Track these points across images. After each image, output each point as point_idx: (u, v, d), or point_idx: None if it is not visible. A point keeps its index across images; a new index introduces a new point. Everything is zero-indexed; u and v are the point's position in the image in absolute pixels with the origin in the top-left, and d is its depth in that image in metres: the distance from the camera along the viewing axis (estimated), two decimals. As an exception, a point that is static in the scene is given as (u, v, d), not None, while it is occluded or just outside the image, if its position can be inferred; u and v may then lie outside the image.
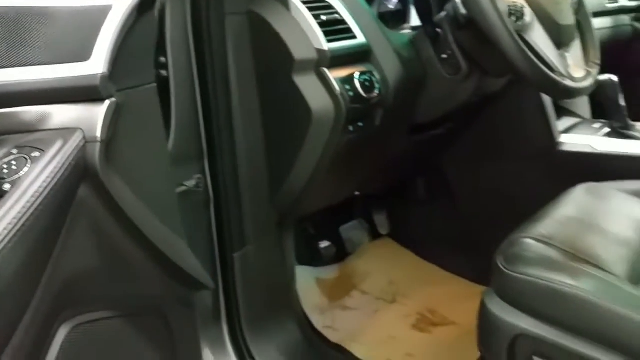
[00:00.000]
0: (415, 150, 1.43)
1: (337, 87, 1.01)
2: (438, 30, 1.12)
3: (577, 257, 0.99)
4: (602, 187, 1.22)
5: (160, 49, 0.95)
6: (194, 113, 1.05)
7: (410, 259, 1.78)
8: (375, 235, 1.82)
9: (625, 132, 1.42)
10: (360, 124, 1.08)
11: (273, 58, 1.03)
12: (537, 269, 0.95)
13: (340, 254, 1.72)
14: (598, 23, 1.80)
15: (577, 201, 1.17)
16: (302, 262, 1.63)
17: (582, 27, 1.18)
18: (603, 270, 0.95)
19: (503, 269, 0.98)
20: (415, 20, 1.28)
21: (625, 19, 2.16)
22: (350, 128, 1.07)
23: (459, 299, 1.56)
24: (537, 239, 1.03)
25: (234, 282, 1.16)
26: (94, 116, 0.64)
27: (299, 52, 1.00)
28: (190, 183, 1.06)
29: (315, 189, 1.15)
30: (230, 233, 1.13)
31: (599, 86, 1.41)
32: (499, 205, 1.54)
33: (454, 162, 1.63)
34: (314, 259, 1.64)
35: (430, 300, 1.59)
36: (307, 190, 1.13)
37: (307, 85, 1.01)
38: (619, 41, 2.09)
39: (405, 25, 1.32)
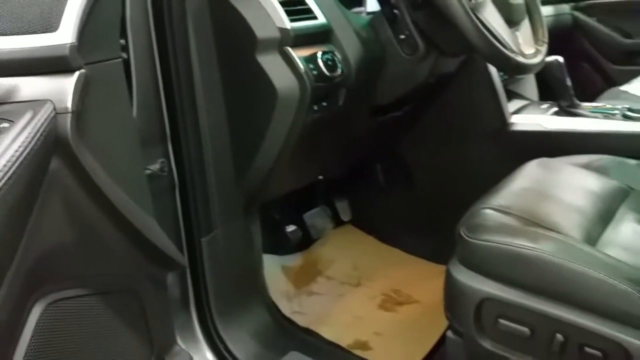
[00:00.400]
0: (376, 133, 1.47)
1: (301, 65, 1.02)
2: (395, 11, 1.15)
3: (535, 223, 1.04)
4: (553, 161, 1.28)
5: (120, 30, 0.94)
6: (155, 95, 1.04)
7: (373, 244, 1.81)
8: (338, 221, 1.84)
9: (572, 110, 1.49)
10: (324, 103, 1.10)
11: (235, 38, 1.03)
12: (498, 236, 0.99)
13: (305, 240, 1.73)
14: (541, 11, 1.88)
15: (531, 174, 1.22)
16: (267, 251, 1.63)
17: (530, 7, 1.24)
18: (559, 233, 1.00)
19: (466, 237, 1.02)
20: (370, 3, 1.31)
21: (566, 8, 2.27)
22: (315, 107, 1.08)
23: (422, 279, 1.60)
24: (496, 208, 1.08)
25: (202, 268, 1.15)
26: (63, 87, 0.63)
27: (261, 31, 1.01)
28: (155, 167, 1.05)
29: (281, 171, 1.16)
30: (197, 218, 1.13)
31: (547, 67, 1.49)
32: (456, 187, 1.59)
33: (412, 146, 1.67)
34: (279, 245, 1.64)
35: (394, 281, 1.63)
36: (273, 172, 1.13)
37: (271, 64, 1.01)
38: (560, 29, 2.20)
39: (361, 9, 1.35)
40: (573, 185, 1.19)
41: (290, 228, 1.58)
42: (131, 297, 0.76)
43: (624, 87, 1.88)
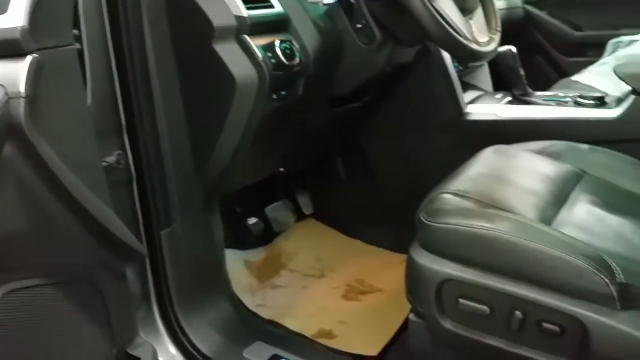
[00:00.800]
0: (335, 124, 1.47)
1: (259, 54, 1.02)
2: (352, 0, 1.17)
3: (492, 205, 1.06)
4: (509, 148, 1.32)
5: (73, 20, 0.92)
6: (110, 86, 1.02)
7: (335, 237, 1.82)
8: (300, 215, 1.84)
9: (526, 99, 1.54)
10: (283, 92, 1.10)
11: (191, 27, 1.02)
12: (456, 219, 1.01)
13: (268, 234, 1.73)
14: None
15: (487, 161, 1.25)
16: (230, 246, 1.62)
17: (483, -4, 1.27)
18: (517, 214, 1.03)
19: (425, 222, 1.04)
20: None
21: (518, 1, 2.33)
22: (274, 97, 1.08)
23: (384, 268, 1.62)
24: (454, 193, 1.10)
25: (163, 261, 1.14)
26: (16, 72, 0.62)
27: (218, 19, 1.00)
28: (111, 159, 1.03)
29: (241, 163, 1.15)
30: (156, 211, 1.11)
31: (500, 57, 1.53)
32: (415, 177, 1.60)
33: (372, 138, 1.69)
34: (242, 239, 1.64)
35: (357, 272, 1.64)
36: (233, 164, 1.13)
37: (229, 53, 1.01)
38: (513, 23, 2.26)
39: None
40: (528, 170, 1.22)
41: (252, 221, 1.57)
42: (90, 288, 0.74)
43: (575, 78, 1.94)
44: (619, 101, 1.39)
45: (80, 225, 0.70)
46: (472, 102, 1.63)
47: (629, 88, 1.35)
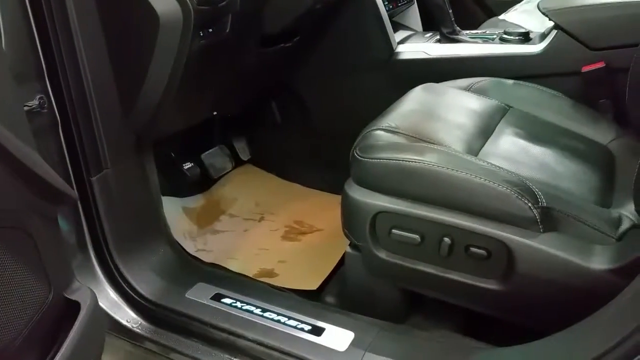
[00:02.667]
0: (267, 65, 1.45)
1: (182, -13, 0.98)
2: None
3: (421, 139, 1.10)
4: (437, 85, 1.35)
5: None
6: (27, 29, 0.96)
7: (273, 181, 1.83)
8: (237, 161, 1.83)
9: (454, 37, 1.56)
10: (210, 30, 1.07)
11: (110, -39, 0.97)
12: (387, 153, 1.04)
13: (204, 181, 1.72)
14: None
15: (417, 98, 1.28)
16: (167, 193, 1.60)
17: None
18: (444, 147, 1.07)
19: (358, 157, 1.06)
20: None
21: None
22: (201, 34, 1.05)
23: (322, 209, 1.65)
24: (385, 129, 1.12)
25: (96, 207, 1.11)
26: None
27: (137, -48, 0.95)
28: (33, 103, 0.98)
29: (171, 106, 1.12)
30: (84, 156, 1.08)
31: (428, -6, 1.54)
32: (349, 118, 1.62)
33: (305, 81, 1.68)
34: (178, 186, 1.62)
35: (296, 213, 1.66)
36: (163, 105, 1.09)
37: (149, -13, 0.96)
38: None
39: None
40: (456, 105, 1.26)
41: (187, 165, 1.55)
42: (20, 233, 0.72)
43: (502, 17, 1.98)
44: (543, 36, 1.43)
45: (3, 168, 0.67)
46: (402, 41, 1.64)
47: (552, 23, 1.39)
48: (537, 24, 1.64)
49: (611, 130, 1.24)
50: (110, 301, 1.15)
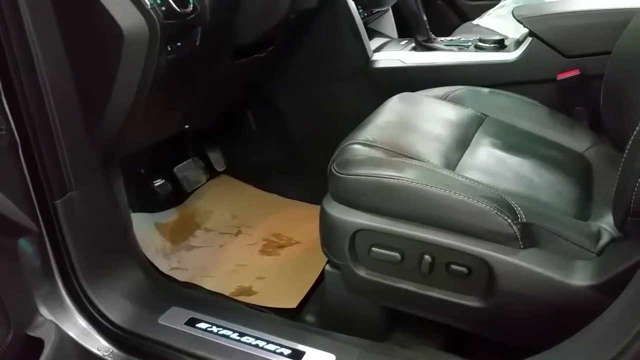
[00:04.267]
0: (241, 75, 1.42)
1: (147, 1, 0.94)
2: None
3: (399, 153, 1.08)
4: (414, 95, 1.33)
5: None
6: None
7: (250, 192, 1.79)
8: (212, 172, 1.79)
9: (429, 44, 1.54)
10: (178, 43, 1.03)
11: (69, -25, 0.92)
12: (365, 169, 1.01)
13: (178, 195, 1.67)
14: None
15: (393, 109, 1.26)
16: (139, 209, 1.55)
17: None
18: (422, 161, 1.05)
19: (336, 173, 1.03)
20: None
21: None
22: (169, 48, 1.01)
23: (301, 221, 1.61)
24: (362, 143, 1.10)
25: (61, 232, 1.06)
26: None
27: (98, -35, 0.91)
28: (-10, 125, 0.93)
29: (139, 121, 1.08)
30: (47, 179, 1.03)
31: (403, 2, 1.52)
32: (326, 127, 1.60)
33: (281, 90, 1.65)
34: (150, 202, 1.57)
35: (274, 226, 1.63)
36: (129, 122, 1.05)
37: (112, 1, 0.92)
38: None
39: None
40: (432, 116, 1.24)
41: (158, 182, 1.50)
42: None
43: (476, 21, 1.98)
44: (518, 43, 1.42)
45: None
46: (378, 49, 1.62)
47: (527, 30, 1.38)
48: (512, 29, 1.64)
49: (587, 138, 1.24)
50: (80, 329, 1.10)
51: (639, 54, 1.08)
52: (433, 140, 1.14)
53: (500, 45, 1.45)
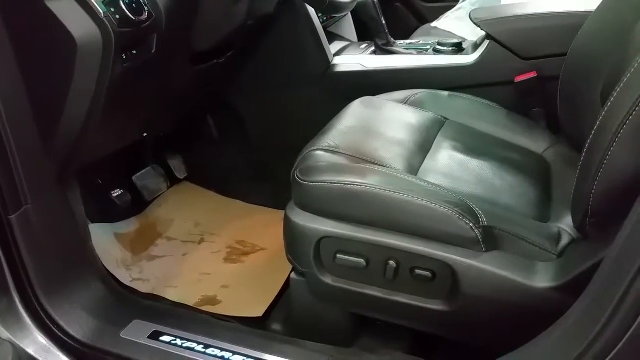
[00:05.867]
0: (200, 82, 1.39)
1: (100, 9, 0.91)
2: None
3: (361, 159, 1.07)
4: (375, 99, 1.34)
5: None
6: None
7: (213, 199, 1.77)
8: (173, 180, 1.76)
9: (388, 48, 1.55)
10: (134, 51, 1.00)
11: (18, -17, 0.89)
12: (328, 175, 1.01)
13: (138, 204, 1.63)
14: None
15: (355, 113, 1.26)
16: (97, 220, 1.51)
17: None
18: (385, 166, 1.05)
19: (299, 180, 1.03)
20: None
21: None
22: (124, 56, 0.99)
23: (265, 226, 1.60)
24: (325, 149, 1.09)
25: (17, 247, 1.02)
26: None
27: (47, -28, 0.88)
28: None
29: (96, 130, 1.05)
30: (0, 193, 0.99)
31: (361, 7, 1.52)
32: (288, 132, 1.59)
33: (241, 95, 1.63)
34: (108, 212, 1.53)
35: (238, 232, 1.61)
36: (86, 133, 1.02)
37: (65, 10, 0.89)
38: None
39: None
40: (394, 120, 1.24)
41: (117, 192, 1.46)
42: None
43: (434, 24, 2.00)
44: (475, 46, 1.45)
45: None
46: (338, 52, 1.62)
47: (484, 33, 1.40)
48: (469, 31, 1.67)
49: (545, 139, 1.27)
50: (40, 346, 1.06)
51: (592, 56, 1.12)
52: (395, 145, 1.14)
53: (458, 48, 1.47)
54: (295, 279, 1.07)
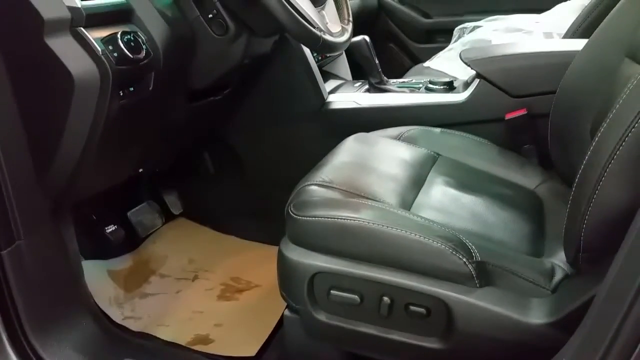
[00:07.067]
0: (196, 118, 1.41)
1: (98, 47, 0.93)
2: (200, -12, 1.11)
3: (355, 194, 1.08)
4: (369, 135, 1.35)
5: None
6: None
7: (208, 235, 1.76)
8: (168, 215, 1.75)
9: (381, 86, 1.58)
10: (131, 88, 1.02)
11: (18, 20, 0.91)
12: (322, 210, 1.01)
13: (132, 240, 1.62)
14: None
15: (349, 149, 1.27)
16: (90, 256, 1.50)
17: (334, -14, 1.27)
18: (378, 201, 1.06)
19: (293, 215, 1.03)
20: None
21: (370, -9, 2.40)
22: (121, 93, 1.00)
23: (260, 263, 1.59)
24: (319, 184, 1.10)
25: (7, 283, 1.01)
26: None
27: (48, 11, 0.90)
28: None
29: (91, 166, 1.06)
30: None
31: (355, 46, 1.55)
32: (283, 168, 1.60)
33: (237, 131, 1.65)
34: (102, 249, 1.52)
35: (233, 269, 1.60)
36: (81, 168, 1.03)
37: (64, 47, 0.91)
38: (367, 11, 2.32)
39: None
40: (387, 156, 1.26)
41: (110, 228, 1.46)
42: None
43: (426, 63, 2.05)
44: (466, 85, 1.47)
45: None
46: (333, 90, 1.65)
47: (474, 72, 1.43)
48: (460, 70, 1.70)
49: (537, 175, 1.28)
50: (28, 387, 1.04)
51: (580, 94, 1.14)
52: (389, 180, 1.15)
53: (449, 86, 1.50)
54: (288, 316, 1.06)
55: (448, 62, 1.94)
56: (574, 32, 1.63)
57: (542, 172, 1.29)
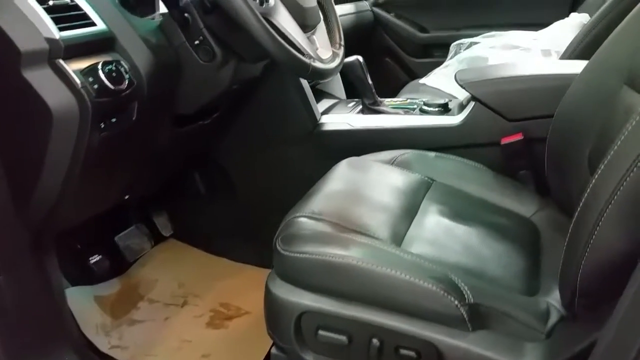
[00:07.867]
0: (184, 143, 1.38)
1: (77, 80, 0.90)
2: (186, 15, 1.08)
3: (345, 227, 1.04)
4: (361, 160, 1.32)
5: None
6: None
7: (198, 257, 1.73)
8: (158, 238, 1.72)
9: (375, 107, 1.55)
10: (113, 119, 0.99)
11: (-6, 53, 0.88)
12: (311, 246, 0.98)
13: (120, 265, 1.59)
14: (341, 9, 1.95)
15: (341, 176, 1.24)
16: (76, 282, 1.47)
17: (325, 9, 1.24)
18: (369, 236, 1.02)
19: (281, 250, 0.99)
20: (163, 7, 1.21)
21: (366, 4, 2.37)
22: (102, 125, 0.97)
23: (251, 287, 1.56)
24: (309, 216, 1.06)
25: (-15, 321, 0.98)
26: None
27: (24, 43, 0.86)
28: None
29: (72, 198, 1.02)
30: None
31: (348, 67, 1.52)
32: (275, 190, 1.57)
33: (228, 153, 1.62)
34: (87, 276, 1.48)
35: (223, 294, 1.57)
36: (62, 200, 1.00)
37: (41, 80, 0.88)
38: (362, 26, 2.29)
39: (155, 13, 1.25)
40: (380, 183, 1.22)
41: (95, 259, 1.42)
42: None
43: (422, 80, 2.01)
44: (461, 107, 1.44)
45: None
46: (326, 111, 1.62)
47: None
48: (457, 88, 1.66)
49: (533, 202, 1.24)
50: None
51: (579, 119, 1.10)
52: (380, 211, 1.12)
53: (444, 108, 1.47)
54: (276, 354, 1.03)
55: (444, 80, 1.91)
56: (572, 52, 1.60)
57: (538, 199, 1.25)
